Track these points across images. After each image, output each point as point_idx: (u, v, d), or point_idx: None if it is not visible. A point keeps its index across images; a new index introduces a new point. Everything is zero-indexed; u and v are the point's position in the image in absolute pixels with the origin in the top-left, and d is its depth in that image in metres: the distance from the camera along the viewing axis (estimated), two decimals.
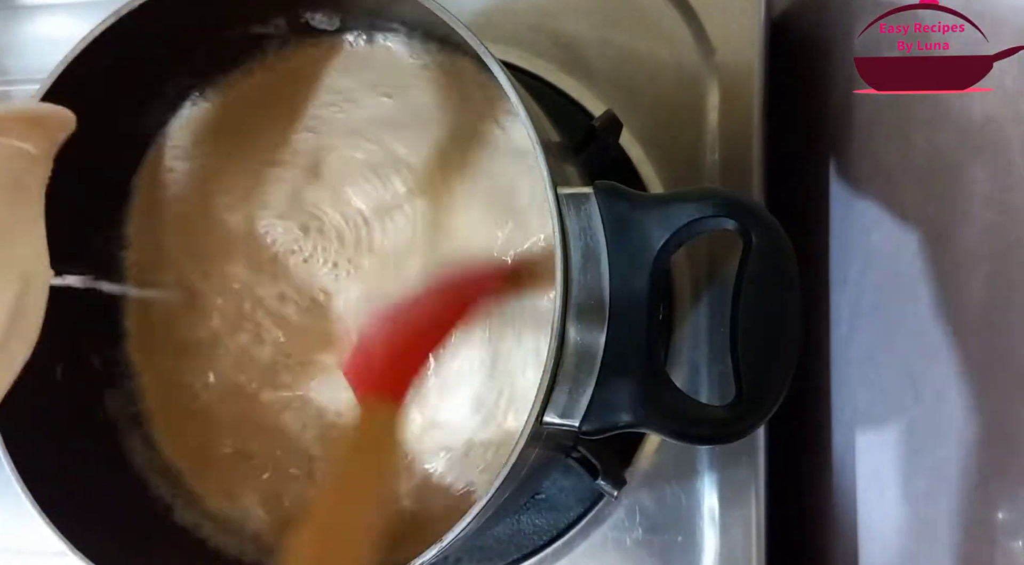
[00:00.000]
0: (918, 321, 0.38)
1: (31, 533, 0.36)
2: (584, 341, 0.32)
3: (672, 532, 0.46)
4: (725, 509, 0.46)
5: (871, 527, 0.44)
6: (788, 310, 0.33)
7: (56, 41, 0.43)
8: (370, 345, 0.40)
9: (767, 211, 0.33)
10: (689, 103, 0.49)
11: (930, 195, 0.36)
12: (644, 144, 0.49)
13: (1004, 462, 0.31)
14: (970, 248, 0.33)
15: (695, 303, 0.48)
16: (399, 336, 0.40)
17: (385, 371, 0.39)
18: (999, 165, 0.31)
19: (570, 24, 0.51)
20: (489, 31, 0.50)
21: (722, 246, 0.47)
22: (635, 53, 0.50)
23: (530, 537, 0.47)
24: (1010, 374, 0.30)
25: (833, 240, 0.48)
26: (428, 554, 0.33)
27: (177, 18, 0.40)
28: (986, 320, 0.32)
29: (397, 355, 0.40)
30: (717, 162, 0.48)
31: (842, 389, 0.47)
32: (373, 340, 0.40)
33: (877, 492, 0.43)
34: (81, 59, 0.38)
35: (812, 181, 0.53)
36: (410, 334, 0.40)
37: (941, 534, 0.35)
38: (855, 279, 0.46)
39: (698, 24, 0.49)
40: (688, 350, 0.48)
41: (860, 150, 0.45)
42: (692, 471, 0.47)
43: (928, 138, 0.37)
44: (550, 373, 0.31)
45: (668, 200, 0.33)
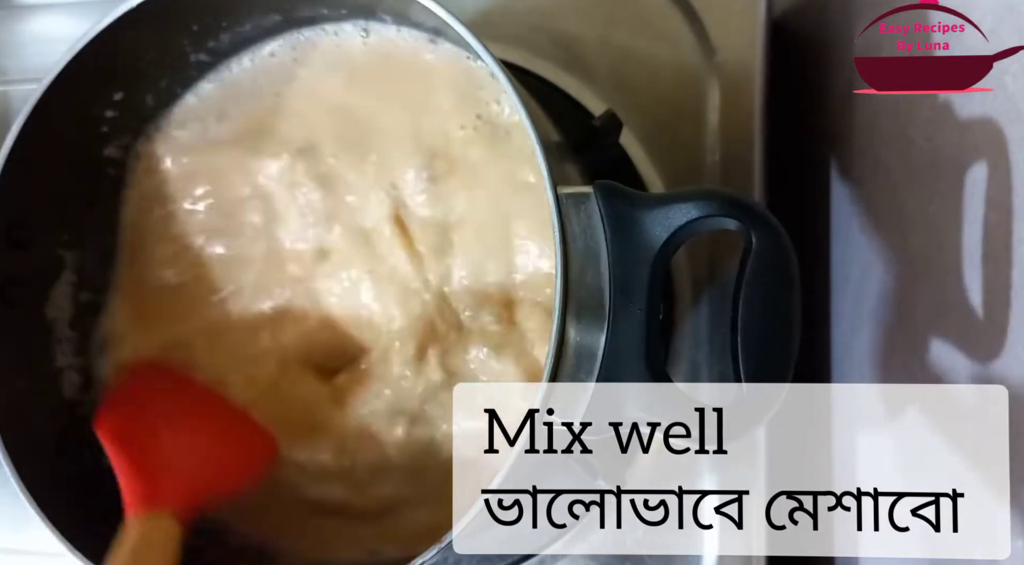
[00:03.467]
0: (918, 321, 0.38)
1: (31, 533, 0.36)
2: (584, 341, 0.32)
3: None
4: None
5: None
6: (788, 310, 0.33)
7: (54, 41, 0.43)
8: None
9: (767, 211, 0.33)
10: (689, 103, 0.49)
11: (930, 195, 0.36)
12: (644, 144, 0.49)
13: (1004, 462, 0.31)
14: (970, 248, 0.33)
15: (695, 303, 0.48)
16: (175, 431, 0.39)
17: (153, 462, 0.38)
18: (999, 165, 0.31)
19: (570, 24, 0.51)
20: (489, 31, 0.50)
21: (722, 246, 0.47)
22: (635, 53, 0.50)
23: (530, 537, 0.47)
24: (1009, 374, 0.30)
25: (833, 240, 0.48)
26: (428, 554, 0.33)
27: (177, 17, 0.40)
28: (986, 320, 0.32)
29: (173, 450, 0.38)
30: (717, 162, 0.48)
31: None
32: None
33: None
34: (80, 59, 0.38)
35: (812, 181, 0.53)
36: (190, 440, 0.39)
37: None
38: (855, 279, 0.46)
39: (698, 24, 0.49)
40: (688, 350, 0.48)
41: (860, 150, 0.45)
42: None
43: (928, 138, 0.37)
44: (550, 373, 0.31)
45: (668, 200, 0.33)
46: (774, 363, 0.33)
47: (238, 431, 0.42)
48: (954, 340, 0.34)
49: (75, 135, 0.42)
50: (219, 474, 0.40)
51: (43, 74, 0.38)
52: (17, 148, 0.38)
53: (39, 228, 0.41)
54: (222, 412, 0.42)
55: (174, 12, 0.40)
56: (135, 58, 0.41)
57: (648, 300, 0.33)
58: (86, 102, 0.41)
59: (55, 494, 0.36)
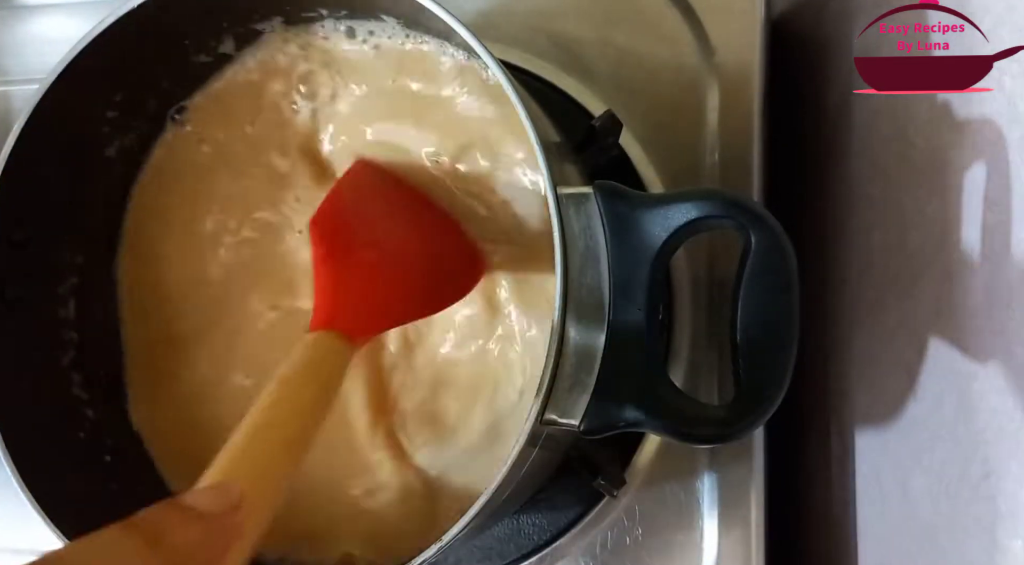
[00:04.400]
0: (918, 321, 0.38)
1: (31, 533, 0.36)
2: (584, 341, 0.32)
3: (672, 532, 0.47)
4: (725, 509, 0.46)
5: (870, 527, 0.44)
6: (788, 310, 0.33)
7: (54, 41, 0.43)
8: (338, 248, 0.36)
9: (767, 211, 0.33)
10: (689, 103, 0.49)
11: (929, 195, 0.36)
12: (644, 144, 0.49)
13: (1004, 462, 0.31)
14: (970, 248, 0.33)
15: (695, 303, 0.48)
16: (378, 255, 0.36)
17: (348, 290, 0.35)
18: (999, 165, 0.31)
19: (570, 24, 0.51)
20: (489, 31, 0.50)
21: (722, 246, 0.47)
22: (635, 53, 0.50)
23: (530, 537, 0.47)
24: (1009, 374, 0.30)
25: (833, 240, 0.48)
26: (428, 553, 0.33)
27: (178, 17, 0.40)
28: (986, 320, 0.32)
29: (371, 278, 0.36)
30: (717, 162, 0.48)
31: (842, 389, 0.47)
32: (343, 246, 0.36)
33: (877, 492, 0.43)
34: (80, 59, 0.38)
35: (812, 181, 0.53)
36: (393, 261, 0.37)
37: (940, 534, 0.35)
38: (855, 279, 0.46)
39: (698, 24, 0.49)
40: (688, 350, 0.48)
41: (859, 150, 0.45)
42: (692, 471, 0.47)
43: (927, 138, 0.37)
44: (550, 373, 0.31)
45: (668, 200, 0.33)
46: (773, 363, 0.33)
47: (449, 248, 0.40)
48: (954, 340, 0.34)
49: (75, 135, 0.42)
50: (420, 294, 0.38)
51: (43, 74, 0.38)
52: (17, 148, 0.38)
53: (39, 228, 0.41)
54: (435, 224, 0.40)
55: (174, 12, 0.40)
56: (136, 58, 0.41)
57: (648, 300, 0.33)
58: (86, 102, 0.41)
59: (56, 494, 0.36)
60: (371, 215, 0.40)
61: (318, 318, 0.35)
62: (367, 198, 0.40)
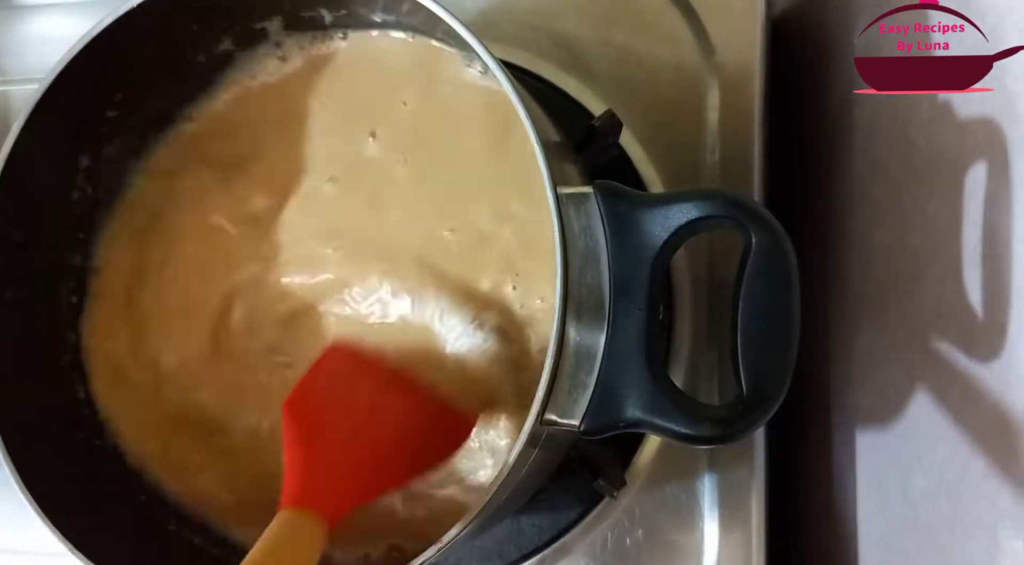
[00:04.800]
0: (918, 321, 0.38)
1: (31, 533, 0.36)
2: (584, 341, 0.32)
3: (672, 533, 0.46)
4: (725, 509, 0.46)
5: (871, 527, 0.44)
6: (788, 310, 0.33)
7: (54, 41, 0.43)
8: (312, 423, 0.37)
9: (767, 211, 0.33)
10: (689, 103, 0.49)
11: (929, 194, 0.36)
12: (644, 144, 0.49)
13: (1004, 462, 0.31)
14: (970, 248, 0.33)
15: (695, 303, 0.48)
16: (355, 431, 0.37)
17: (325, 470, 0.35)
18: (999, 165, 0.31)
19: (570, 24, 0.51)
20: (489, 31, 0.50)
21: (722, 246, 0.47)
22: (635, 53, 0.50)
23: (530, 537, 0.47)
24: (1010, 374, 0.30)
25: (833, 240, 0.48)
26: (428, 554, 0.33)
27: (177, 17, 0.40)
28: (986, 320, 0.32)
29: (346, 455, 0.37)
30: (717, 162, 0.48)
31: (842, 389, 0.47)
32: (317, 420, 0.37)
33: (877, 492, 0.43)
34: (80, 59, 0.38)
35: (812, 181, 0.53)
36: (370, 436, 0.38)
37: (941, 534, 0.35)
38: (855, 279, 0.46)
39: (698, 24, 0.49)
40: (688, 350, 0.48)
41: (860, 150, 0.45)
42: (692, 471, 0.47)
43: (928, 138, 0.37)
44: (550, 373, 0.31)
45: (668, 200, 0.33)
46: (773, 363, 0.33)
47: (430, 421, 0.40)
48: (954, 340, 0.34)
49: (76, 135, 0.42)
50: (396, 469, 0.38)
51: (43, 74, 0.38)
52: (17, 148, 0.38)
53: (39, 228, 0.41)
54: (412, 401, 0.40)
55: (174, 12, 0.40)
56: (135, 58, 0.41)
57: (648, 300, 0.33)
58: (86, 102, 0.41)
59: (56, 494, 0.36)
60: (344, 400, 0.40)
61: (289, 495, 0.35)
62: (340, 384, 0.41)
